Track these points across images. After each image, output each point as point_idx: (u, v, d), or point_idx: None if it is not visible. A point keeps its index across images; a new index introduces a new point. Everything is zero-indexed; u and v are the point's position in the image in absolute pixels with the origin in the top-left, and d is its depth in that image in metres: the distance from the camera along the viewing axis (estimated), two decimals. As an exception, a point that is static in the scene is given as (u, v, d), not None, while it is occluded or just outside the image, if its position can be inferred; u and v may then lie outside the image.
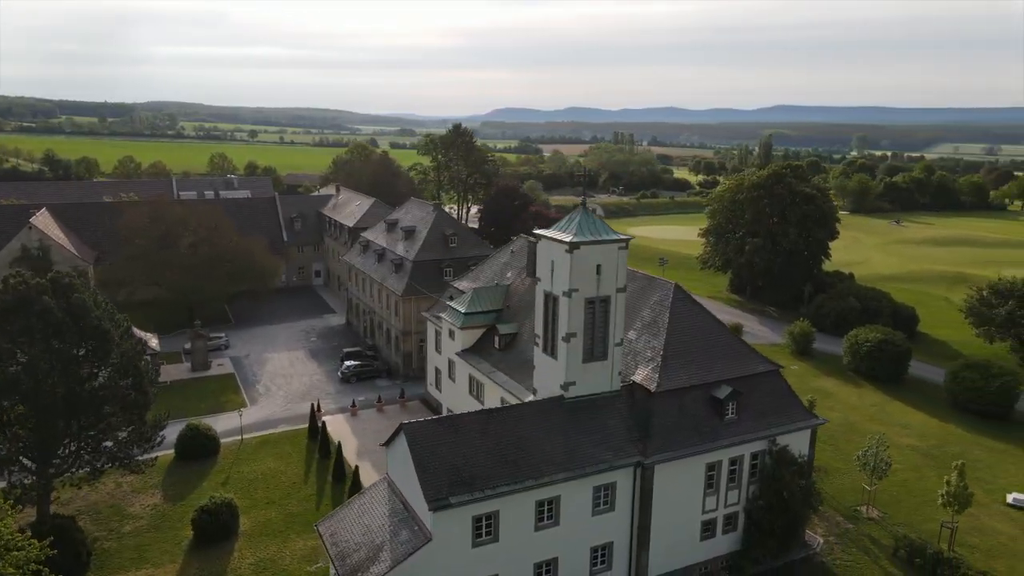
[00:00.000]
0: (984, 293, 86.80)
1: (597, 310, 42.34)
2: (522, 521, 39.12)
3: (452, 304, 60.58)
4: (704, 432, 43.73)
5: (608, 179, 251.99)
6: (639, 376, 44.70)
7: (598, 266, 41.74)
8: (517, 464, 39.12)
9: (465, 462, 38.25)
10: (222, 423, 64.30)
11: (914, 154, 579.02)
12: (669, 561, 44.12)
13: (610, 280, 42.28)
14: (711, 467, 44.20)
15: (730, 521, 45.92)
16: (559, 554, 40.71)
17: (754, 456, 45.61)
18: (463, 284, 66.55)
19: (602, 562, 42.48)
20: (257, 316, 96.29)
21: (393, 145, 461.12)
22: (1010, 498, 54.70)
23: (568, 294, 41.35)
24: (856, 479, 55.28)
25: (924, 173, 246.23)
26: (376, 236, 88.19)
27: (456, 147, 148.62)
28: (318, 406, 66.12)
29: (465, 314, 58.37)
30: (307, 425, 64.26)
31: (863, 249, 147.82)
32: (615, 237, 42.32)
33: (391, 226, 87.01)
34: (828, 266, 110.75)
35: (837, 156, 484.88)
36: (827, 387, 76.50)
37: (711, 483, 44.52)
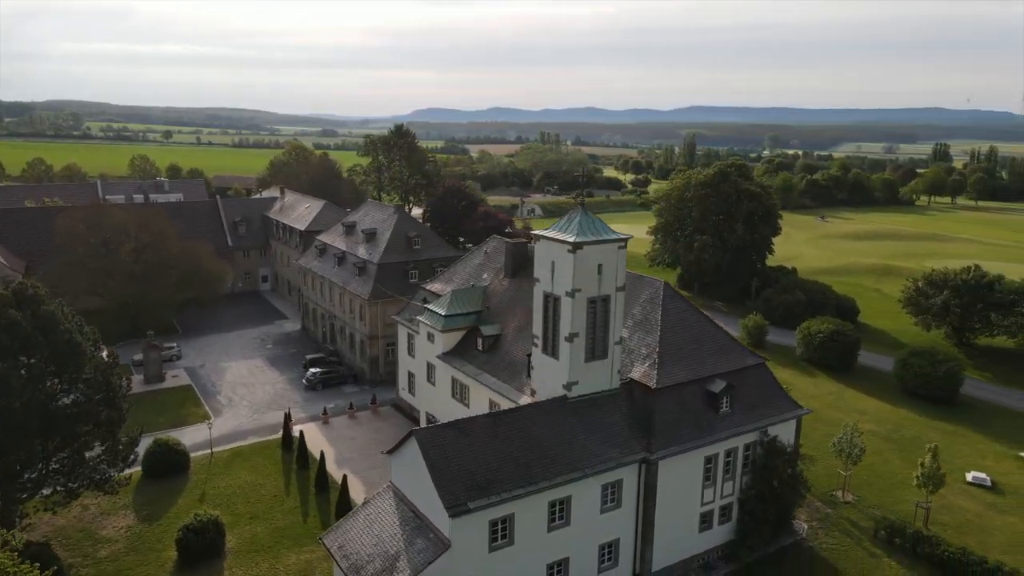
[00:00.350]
0: (920, 284, 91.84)
1: (598, 309, 42.66)
2: (536, 523, 39.04)
3: (430, 307, 59.80)
4: (703, 426, 44.69)
5: (542, 179, 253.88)
6: (636, 373, 45.26)
7: (599, 265, 42.06)
8: (529, 466, 39.00)
9: (478, 466, 37.88)
10: (187, 437, 61.42)
11: (823, 153, 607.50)
12: (669, 555, 44.87)
13: (610, 279, 42.67)
14: (709, 460, 45.21)
15: (725, 512, 47.06)
16: (570, 554, 40.81)
17: (747, 447, 46.91)
18: (435, 286, 65.85)
19: (609, 559, 42.83)
20: (206, 324, 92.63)
21: (317, 146, 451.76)
22: (969, 476, 58.06)
23: (571, 294, 41.49)
24: (828, 465, 57.50)
25: (841, 171, 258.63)
26: (334, 239, 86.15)
27: (399, 148, 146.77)
28: (289, 415, 64.14)
29: (446, 316, 57.75)
30: (279, 435, 62.31)
31: (795, 244, 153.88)
32: (615, 236, 42.70)
33: (349, 229, 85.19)
34: (771, 261, 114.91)
35: (752, 155, 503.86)
36: (784, 377, 78.39)
37: (708, 476, 45.52)
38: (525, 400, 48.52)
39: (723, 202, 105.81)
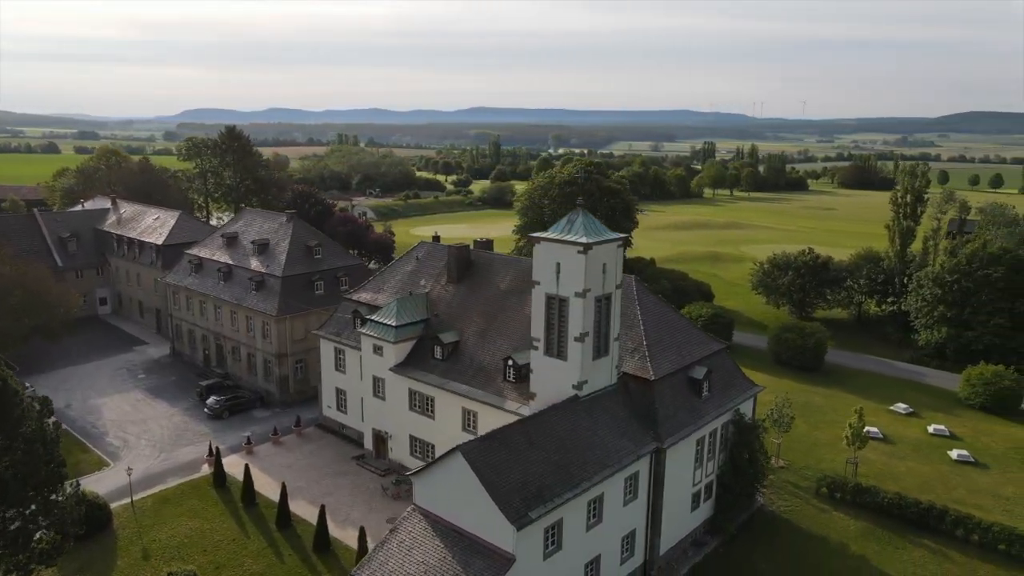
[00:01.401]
0: (766, 267, 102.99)
1: (602, 307, 43.53)
2: (578, 524, 39.14)
3: (375, 318, 56.87)
4: (695, 411, 47.24)
5: (362, 181, 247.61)
6: (629, 367, 46.68)
7: (604, 264, 42.93)
8: (568, 469, 38.98)
9: (526, 475, 37.22)
10: (92, 489, 53.06)
11: (604, 151, 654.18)
12: (669, 538, 46.91)
13: (612, 277, 43.72)
14: (699, 443, 47.92)
15: (708, 490, 50.14)
16: (602, 551, 41.37)
17: (724, 427, 50.32)
18: (364, 296, 62.74)
19: (627, 550, 43.94)
20: (49, 358, 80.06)
21: (79, 150, 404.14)
22: (864, 431, 66.46)
23: (582, 294, 41.92)
24: (755, 436, 63.01)
25: (642, 168, 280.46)
26: (212, 253, 78.37)
27: (234, 151, 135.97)
28: (214, 450, 57.86)
29: (397, 327, 55.31)
30: (204, 473, 56.19)
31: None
32: (615, 236, 43.75)
33: (230, 240, 77.94)
34: (627, 253, 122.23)
35: (544, 153, 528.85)
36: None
37: (698, 458, 48.24)
38: (512, 405, 48.20)
39: (588, 199, 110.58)
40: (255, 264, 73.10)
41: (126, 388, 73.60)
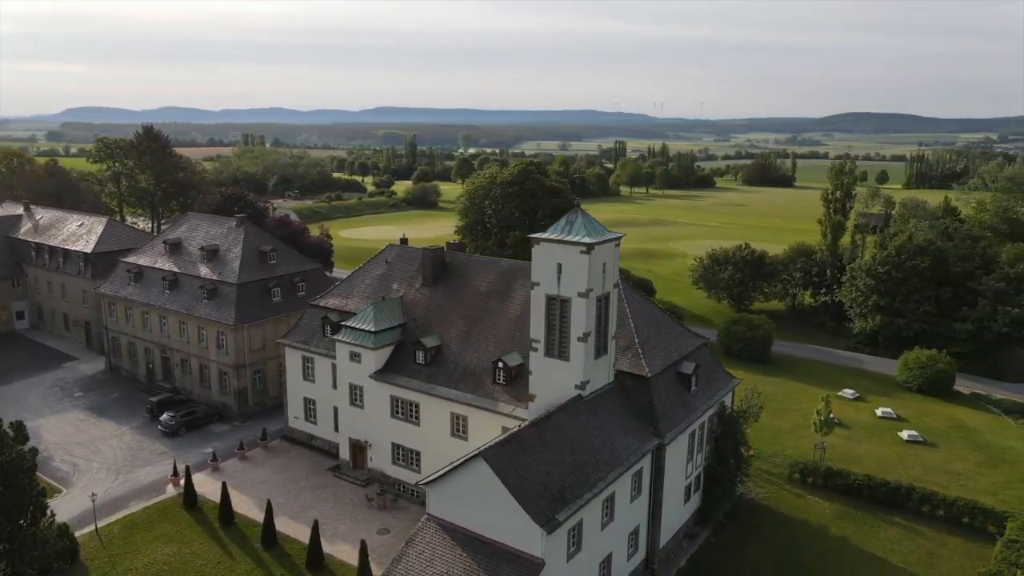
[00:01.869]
0: (706, 262, 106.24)
1: (602, 307, 43.72)
2: (594, 524, 39.18)
3: (351, 324, 55.10)
4: (687, 406, 48.12)
5: (279, 183, 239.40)
6: (624, 365, 47.04)
7: (604, 264, 43.12)
8: (583, 469, 38.95)
9: (547, 478, 36.96)
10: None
11: (514, 150, 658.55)
12: (666, 531, 47.60)
13: (611, 276, 43.98)
14: (691, 436, 48.86)
15: (697, 481, 51.22)
16: (613, 549, 41.58)
17: (710, 420, 51.50)
18: (332, 301, 60.76)
19: (632, 546, 44.32)
20: (-31, 378, 73.55)
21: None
22: (821, 417, 69.54)
23: (585, 294, 41.96)
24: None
25: (562, 167, 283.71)
26: (154, 260, 73.92)
27: (152, 153, 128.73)
28: (180, 469, 54.64)
29: (376, 333, 53.80)
30: (171, 494, 53.11)
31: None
32: (614, 236, 44.00)
33: (174, 247, 73.69)
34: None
35: (458, 153, 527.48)
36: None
37: (691, 451, 49.20)
38: (506, 408, 47.79)
39: (529, 198, 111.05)
40: (205, 271, 69.41)
41: (63, 408, 68.47)
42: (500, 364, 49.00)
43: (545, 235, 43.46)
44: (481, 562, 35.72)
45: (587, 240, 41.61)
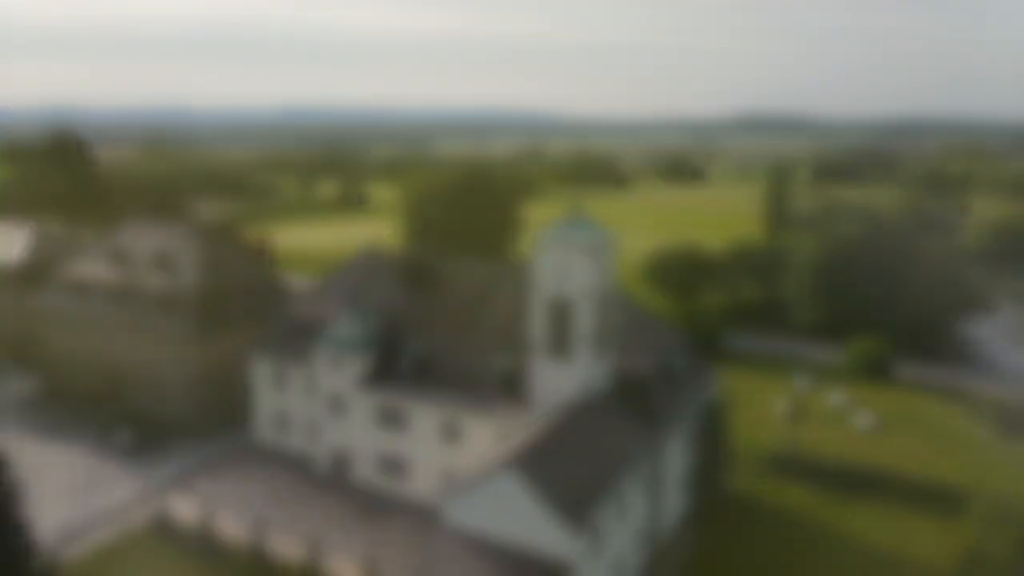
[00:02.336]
0: (653, 261, 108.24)
1: (603, 306, 43.93)
2: (611, 524, 39.31)
3: (332, 332, 53.29)
4: (679, 401, 48.95)
5: (192, 185, 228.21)
6: (620, 363, 47.41)
7: (604, 264, 43.40)
8: (598, 471, 39.06)
9: (567, 482, 36.93)
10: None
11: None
12: (665, 526, 48.31)
13: (610, 276, 44.31)
14: (683, 431, 49.71)
15: (687, 474, 52.11)
16: (624, 547, 41.79)
17: (698, 413, 52.53)
18: (305, 310, 58.51)
19: (638, 545, 44.65)
20: None
21: None
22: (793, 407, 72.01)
23: (588, 295, 42.08)
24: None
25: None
26: (95, 270, 69.26)
27: (63, 158, 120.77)
28: (148, 491, 51.44)
29: (359, 341, 52.29)
30: (145, 517, 49.86)
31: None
32: (612, 236, 44.28)
33: (119, 256, 69.28)
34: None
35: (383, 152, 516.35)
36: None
37: (683, 445, 50.03)
38: (502, 412, 47.29)
39: (476, 207, 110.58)
40: (156, 281, 65.63)
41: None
42: (494, 367, 48.47)
43: (547, 236, 43.29)
44: (508, 570, 35.26)
45: (590, 240, 41.74)
